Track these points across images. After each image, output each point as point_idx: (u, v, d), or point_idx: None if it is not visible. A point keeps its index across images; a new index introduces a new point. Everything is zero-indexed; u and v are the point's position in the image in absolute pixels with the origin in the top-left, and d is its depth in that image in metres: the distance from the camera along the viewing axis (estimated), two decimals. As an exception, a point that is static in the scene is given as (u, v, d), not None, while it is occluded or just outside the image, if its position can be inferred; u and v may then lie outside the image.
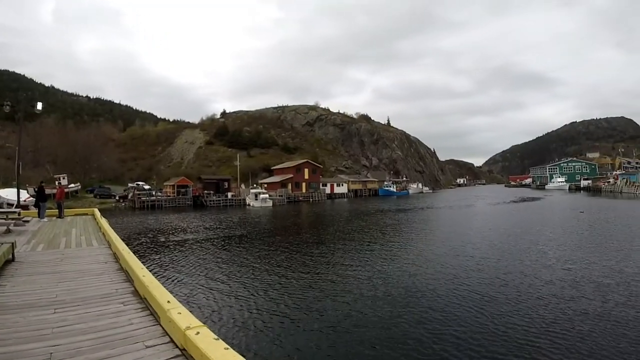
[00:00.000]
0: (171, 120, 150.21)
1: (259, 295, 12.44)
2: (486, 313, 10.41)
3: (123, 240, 9.46)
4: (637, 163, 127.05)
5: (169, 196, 63.36)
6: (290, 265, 17.03)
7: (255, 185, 71.44)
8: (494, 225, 30.88)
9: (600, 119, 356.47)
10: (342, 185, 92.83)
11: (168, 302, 4.26)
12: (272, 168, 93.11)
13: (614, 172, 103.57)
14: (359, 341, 8.92)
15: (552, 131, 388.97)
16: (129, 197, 58.88)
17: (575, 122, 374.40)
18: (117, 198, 59.37)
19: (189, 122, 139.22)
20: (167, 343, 3.80)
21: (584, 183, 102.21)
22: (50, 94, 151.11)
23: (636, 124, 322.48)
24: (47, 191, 20.48)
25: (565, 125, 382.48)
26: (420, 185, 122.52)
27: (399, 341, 8.78)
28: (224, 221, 37.21)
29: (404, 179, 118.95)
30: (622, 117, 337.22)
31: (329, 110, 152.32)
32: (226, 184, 73.90)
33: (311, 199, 76.20)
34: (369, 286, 13.31)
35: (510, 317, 10.05)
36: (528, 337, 8.78)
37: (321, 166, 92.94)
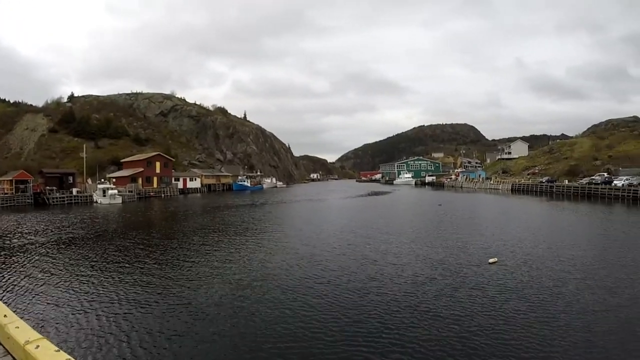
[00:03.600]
0: (11, 102, 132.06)
1: (101, 300, 12.37)
2: (308, 302, 12.05)
3: None
4: (476, 163, 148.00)
5: (6, 193, 58.66)
6: (135, 267, 17.05)
7: (103, 180, 68.86)
8: (339, 219, 34.48)
9: (446, 124, 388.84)
10: (196, 179, 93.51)
11: (5, 316, 4.04)
12: (121, 161, 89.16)
13: (456, 170, 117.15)
14: (204, 338, 9.49)
15: (402, 132, 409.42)
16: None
17: (424, 125, 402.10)
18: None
19: (31, 105, 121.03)
20: None
21: (428, 179, 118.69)
22: None
23: (477, 130, 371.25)
24: None
25: (415, 128, 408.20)
26: (274, 179, 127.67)
27: (244, 331, 10.01)
28: (67, 221, 35.53)
29: (258, 173, 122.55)
30: (465, 124, 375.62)
31: (185, 100, 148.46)
32: (71, 178, 69.81)
33: (163, 195, 75.87)
34: (211, 282, 14.37)
35: (324, 307, 11.62)
36: (347, 325, 10.26)
37: (174, 159, 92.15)
